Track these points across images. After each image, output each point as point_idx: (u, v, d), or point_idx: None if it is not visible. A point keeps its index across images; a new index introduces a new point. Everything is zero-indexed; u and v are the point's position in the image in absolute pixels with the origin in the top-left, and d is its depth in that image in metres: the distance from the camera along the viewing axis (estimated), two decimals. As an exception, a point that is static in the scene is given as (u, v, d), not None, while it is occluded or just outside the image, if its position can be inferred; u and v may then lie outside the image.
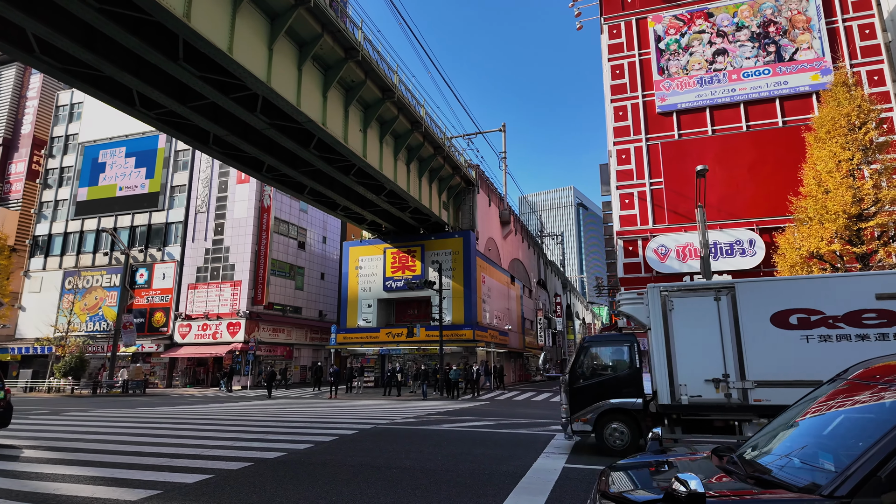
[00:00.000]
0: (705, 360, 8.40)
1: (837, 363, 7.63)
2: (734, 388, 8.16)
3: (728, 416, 8.27)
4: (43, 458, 8.62)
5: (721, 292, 8.60)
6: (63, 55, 15.73)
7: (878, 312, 7.67)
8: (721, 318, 8.44)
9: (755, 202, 27.69)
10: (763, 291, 8.53)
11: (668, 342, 8.63)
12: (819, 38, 28.31)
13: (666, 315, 8.73)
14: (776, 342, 8.11)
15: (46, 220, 42.92)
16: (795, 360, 7.97)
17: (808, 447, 2.75)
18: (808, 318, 8.04)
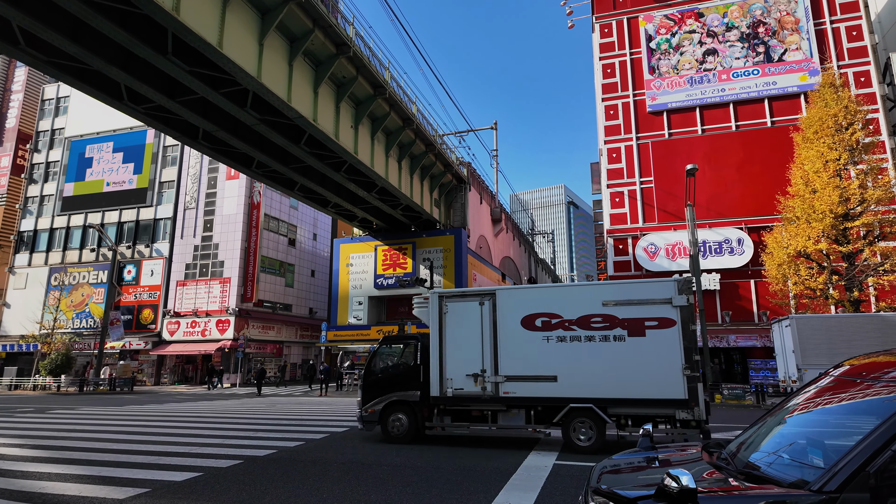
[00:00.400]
0: (468, 357, 9.49)
1: (570, 360, 8.80)
2: (489, 382, 9.29)
3: (483, 407, 9.44)
4: (28, 457, 8.51)
5: (485, 298, 9.70)
6: (49, 48, 15.49)
7: (604, 317, 8.91)
8: (483, 320, 9.55)
9: (744, 201, 27.96)
10: (517, 298, 9.64)
11: (440, 341, 9.76)
12: (807, 40, 28.60)
13: (441, 317, 9.86)
14: (524, 342, 9.24)
15: (32, 215, 42.31)
16: (537, 358, 9.13)
17: (796, 444, 2.78)
18: (550, 321, 9.15)
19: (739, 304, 26.98)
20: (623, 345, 8.74)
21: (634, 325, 8.74)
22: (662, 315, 8.65)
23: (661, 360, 8.54)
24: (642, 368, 8.61)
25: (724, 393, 19.80)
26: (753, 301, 26.78)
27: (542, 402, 9.11)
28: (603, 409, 8.72)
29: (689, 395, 8.35)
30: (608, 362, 8.78)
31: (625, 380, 8.67)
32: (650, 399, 8.60)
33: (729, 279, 27.16)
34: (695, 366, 8.44)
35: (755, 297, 26.77)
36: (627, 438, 9.54)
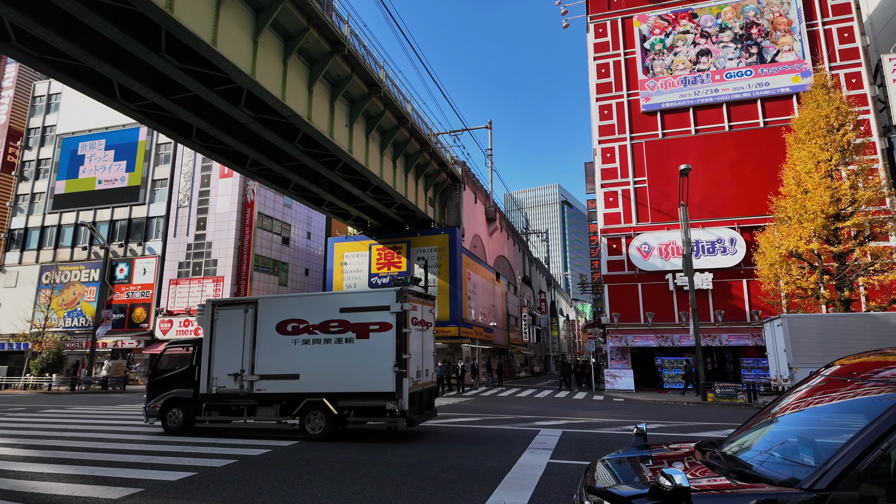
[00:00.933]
0: (232, 358, 10.68)
1: (311, 360, 10.46)
2: (246, 380, 10.52)
3: (241, 402, 10.61)
4: (21, 457, 8.45)
5: (249, 306, 10.92)
6: (41, 44, 15.35)
7: (340, 322, 10.19)
8: (246, 326, 10.74)
9: (736, 201, 28.14)
10: (273, 305, 10.88)
11: (211, 344, 10.94)
12: (800, 41, 28.80)
13: (213, 323, 11.04)
14: (277, 345, 10.48)
15: (22, 213, 41.94)
16: (286, 359, 10.38)
17: (788, 442, 2.81)
18: (298, 326, 10.41)
19: (732, 304, 27.17)
20: (352, 346, 10.05)
21: (362, 328, 10.06)
22: (383, 320, 9.95)
23: (378, 359, 9.82)
24: (365, 366, 9.91)
25: (716, 392, 19.93)
26: (746, 300, 26.97)
27: (287, 398, 10.33)
28: (333, 402, 10.02)
29: (395, 389, 9.61)
30: (340, 361, 10.09)
31: (351, 376, 9.98)
32: (369, 392, 9.87)
33: (721, 278, 27.34)
34: (402, 363, 9.68)
35: (747, 297, 26.96)
36: (350, 427, 11.18)
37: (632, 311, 28.48)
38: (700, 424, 12.89)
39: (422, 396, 10.55)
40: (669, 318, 27.73)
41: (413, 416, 9.83)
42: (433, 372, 11.49)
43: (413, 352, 10.05)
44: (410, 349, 9.87)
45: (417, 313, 10.49)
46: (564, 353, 67.42)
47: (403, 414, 9.59)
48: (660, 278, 28.36)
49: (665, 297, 28.13)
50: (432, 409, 11.24)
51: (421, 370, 10.62)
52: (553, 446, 9.24)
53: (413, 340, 10.12)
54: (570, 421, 13.34)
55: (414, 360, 10.14)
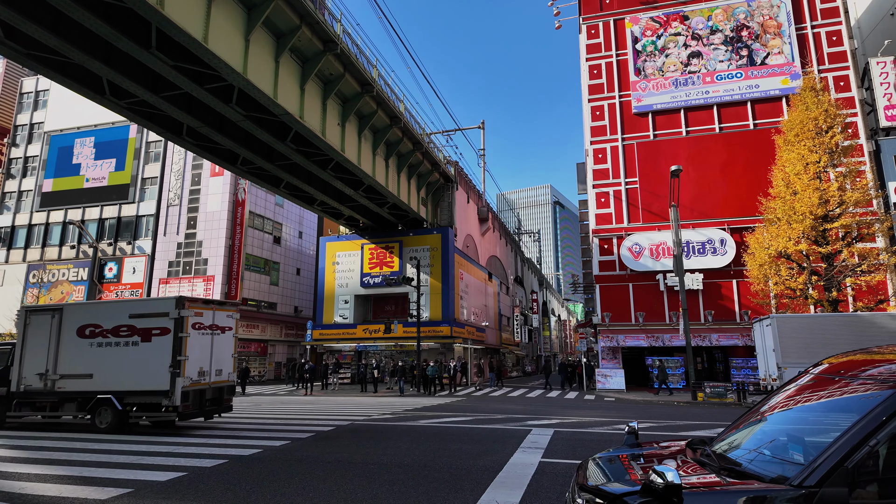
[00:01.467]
0: (39, 359, 11.75)
1: (103, 361, 11.47)
2: (50, 379, 11.61)
3: (45, 399, 11.69)
4: (7, 457, 8.34)
5: (56, 311, 12.02)
6: (29, 40, 15.16)
7: (128, 326, 11.30)
8: (52, 330, 11.81)
9: (726, 202, 28.38)
10: (75, 311, 12.02)
11: (23, 346, 12.00)
12: (789, 44, 29.10)
13: (25, 328, 12.07)
14: (76, 347, 11.57)
15: (9, 211, 41.41)
16: (83, 360, 11.49)
17: (777, 440, 2.84)
18: (95, 330, 11.50)
19: (722, 304, 27.40)
20: (137, 348, 11.15)
21: (146, 332, 11.15)
22: (163, 325, 11.05)
23: (158, 360, 10.91)
24: (147, 366, 11.00)
25: (706, 391, 20.09)
26: (735, 301, 27.21)
27: (83, 395, 11.41)
28: (120, 399, 11.13)
29: (170, 387, 10.72)
30: (126, 362, 11.18)
31: (135, 375, 11.09)
32: (149, 390, 10.97)
33: (712, 279, 27.56)
34: (177, 364, 10.79)
35: (737, 297, 27.20)
36: (140, 423, 11.91)
37: (623, 311, 28.64)
38: (690, 423, 12.98)
39: (203, 394, 11.56)
40: (660, 319, 27.91)
41: (188, 411, 11.01)
42: (231, 372, 12.67)
43: (195, 354, 11.25)
44: (189, 352, 11.02)
45: (205, 319, 11.71)
46: (546, 354, 67.64)
47: (176, 409, 10.77)
48: (651, 278, 28.54)
49: (656, 298, 28.31)
50: (222, 405, 12.30)
51: (208, 370, 11.72)
52: (545, 445, 9.27)
53: (196, 344, 11.33)
54: (562, 420, 13.39)
55: (196, 362, 11.32)
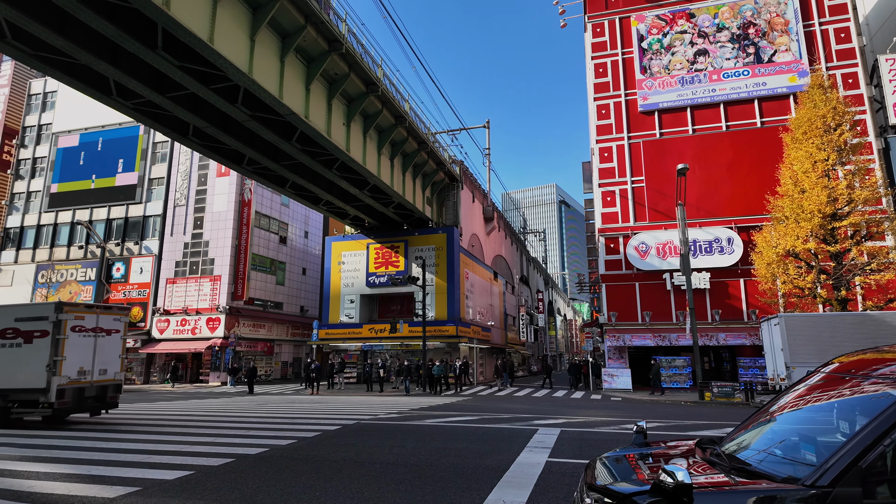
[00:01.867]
0: None
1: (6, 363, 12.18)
2: None
3: None
4: (17, 456, 8.41)
5: None
6: (36, 41, 15.27)
7: (14, 329, 12.15)
8: None
9: (733, 201, 28.20)
10: None
11: None
12: (797, 41, 28.88)
13: None
14: None
15: (18, 211, 41.74)
16: None
17: (788, 440, 2.81)
18: None
19: (729, 303, 27.23)
20: (21, 349, 12.02)
21: (28, 335, 12.00)
22: (43, 328, 11.93)
23: (37, 360, 11.79)
24: (28, 366, 11.86)
25: (713, 391, 19.97)
26: (743, 300, 27.04)
27: None
28: (5, 396, 11.96)
29: (46, 385, 11.62)
30: (11, 362, 12.01)
31: (18, 374, 11.92)
32: (29, 388, 11.79)
33: (719, 278, 27.40)
34: (54, 364, 11.71)
35: (744, 296, 27.03)
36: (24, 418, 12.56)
37: (629, 310, 28.53)
38: (698, 423, 12.91)
39: (83, 392, 12.42)
40: (667, 318, 27.78)
41: (64, 408, 11.89)
42: (118, 371, 13.60)
43: (75, 355, 12.19)
44: (68, 353, 11.99)
45: (87, 322, 12.64)
46: (552, 353, 67.52)
47: (51, 406, 11.64)
48: (657, 278, 28.41)
49: (663, 297, 28.18)
50: (106, 402, 13.15)
51: (90, 370, 12.63)
52: (551, 445, 9.24)
53: (77, 345, 12.28)
54: (569, 420, 13.34)
55: (77, 362, 12.26)
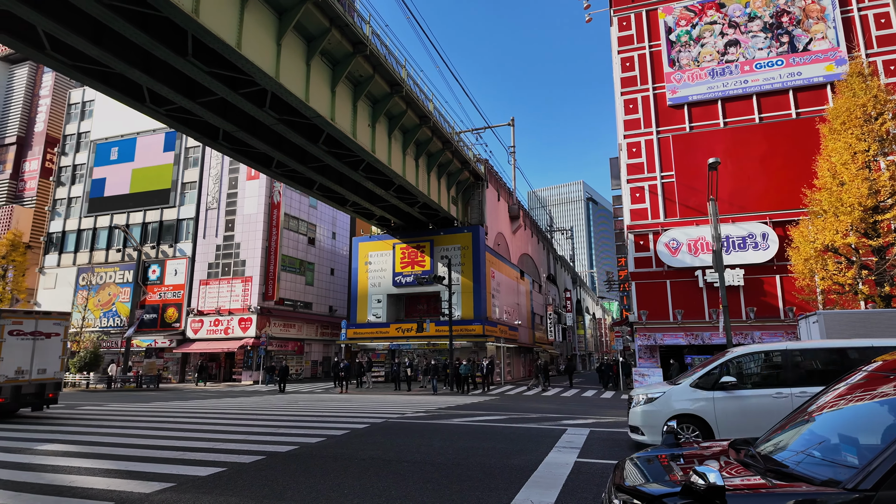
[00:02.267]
0: None
1: None
2: None
3: None
4: (59, 452, 8.73)
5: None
6: (73, 52, 15.84)
7: None
8: None
9: (768, 195, 27.36)
10: None
11: None
12: (833, 28, 27.82)
13: None
14: None
15: (60, 217, 43.43)
16: None
17: (827, 441, 2.70)
18: None
19: (764, 301, 26.43)
20: None
21: None
22: None
23: None
24: None
25: (748, 390, 19.39)
26: (779, 297, 26.21)
27: None
28: None
29: None
30: None
31: None
32: None
33: (753, 274, 26.62)
34: None
35: (781, 293, 26.19)
36: None
37: (660, 308, 27.96)
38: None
39: (20, 389, 13.74)
40: (699, 316, 27.13)
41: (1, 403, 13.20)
42: (58, 371, 14.93)
43: (13, 356, 13.56)
44: (5, 354, 13.35)
45: (25, 327, 14.02)
46: (581, 352, 66.65)
47: None
48: (689, 275, 27.77)
49: (695, 294, 27.53)
50: (43, 399, 14.41)
51: (28, 369, 13.99)
52: (580, 445, 9.12)
53: (15, 347, 13.68)
54: (598, 420, 13.16)
55: (15, 362, 13.60)
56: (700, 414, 8.21)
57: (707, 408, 8.16)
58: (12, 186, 46.19)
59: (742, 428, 7.58)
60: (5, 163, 46.86)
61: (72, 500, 5.72)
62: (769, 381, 8.23)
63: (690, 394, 8.41)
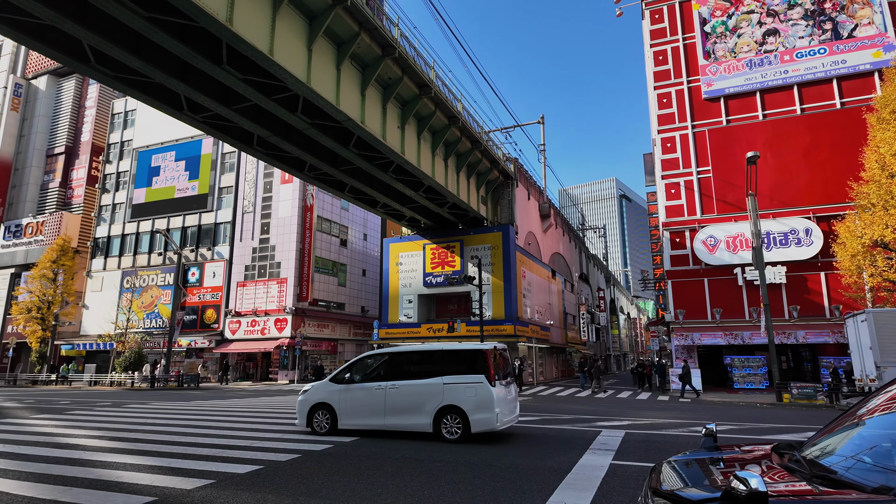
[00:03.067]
0: None
1: None
2: None
3: None
4: (106, 448, 9.10)
5: None
6: (116, 64, 16.49)
7: None
8: None
9: (811, 189, 26.33)
10: None
11: None
12: (880, 13, 26.57)
13: None
14: None
15: (105, 222, 45.28)
16: None
17: (879, 447, 2.56)
18: None
19: (808, 298, 25.44)
20: None
21: None
22: None
23: None
24: None
25: (793, 392, 18.71)
26: (824, 294, 25.18)
27: None
28: None
29: None
30: None
31: None
32: None
33: (796, 272, 25.66)
34: None
35: (826, 291, 25.16)
36: None
37: (698, 307, 27.24)
38: (775, 426, 12.13)
39: None
40: (739, 315, 26.31)
41: None
42: None
43: None
44: None
45: None
46: (616, 353, 65.44)
47: None
48: (727, 273, 26.97)
49: (734, 293, 26.71)
50: None
51: None
52: (615, 447, 8.96)
53: None
54: (634, 422, 12.90)
55: None
56: (330, 402, 10.49)
57: (334, 398, 10.50)
58: (61, 194, 48.39)
59: (354, 412, 10.25)
60: (55, 171, 49.15)
61: (118, 495, 5.95)
62: (375, 377, 10.43)
63: (327, 387, 10.67)
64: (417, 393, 9.80)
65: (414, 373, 10.18)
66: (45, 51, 15.27)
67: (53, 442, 9.79)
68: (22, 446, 9.25)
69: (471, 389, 9.45)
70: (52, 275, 39.92)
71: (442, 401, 9.55)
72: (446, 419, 9.52)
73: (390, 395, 9.95)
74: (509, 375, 10.62)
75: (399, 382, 10.03)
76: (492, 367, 9.56)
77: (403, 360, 10.56)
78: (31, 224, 45.71)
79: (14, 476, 6.87)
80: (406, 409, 9.80)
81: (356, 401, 10.25)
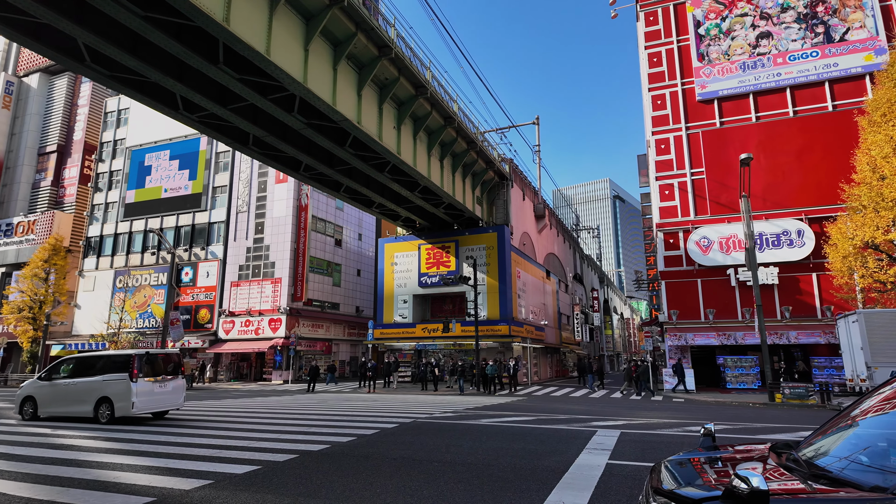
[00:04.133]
0: None
1: None
2: None
3: None
4: (102, 449, 9.07)
5: None
6: (111, 63, 16.41)
7: None
8: None
9: (803, 191, 26.59)
10: None
11: None
12: (872, 17, 26.86)
13: None
14: None
15: (98, 221, 44.96)
16: None
17: (874, 447, 2.63)
18: None
19: (800, 299, 25.68)
20: None
21: None
22: None
23: None
24: None
25: (785, 392, 18.90)
26: (816, 295, 25.43)
27: None
28: None
29: None
30: None
31: None
32: None
33: (788, 272, 25.89)
34: None
35: (817, 292, 25.41)
36: None
37: (691, 308, 27.43)
38: (769, 426, 12.26)
39: None
40: (732, 315, 26.52)
41: None
42: None
43: None
44: None
45: None
46: (609, 353, 65.73)
47: None
48: (721, 273, 27.17)
49: (727, 293, 26.92)
50: None
51: None
52: (611, 447, 9.03)
53: None
54: (629, 421, 13.00)
55: None
56: (34, 395, 13.35)
57: (37, 392, 13.34)
58: (53, 193, 48.00)
59: (48, 403, 13.17)
60: (47, 170, 48.73)
61: (117, 496, 5.94)
62: (64, 376, 13.31)
63: (36, 383, 13.57)
64: (87, 388, 12.79)
65: (88, 373, 13.08)
66: (39, 49, 15.19)
67: (48, 443, 9.75)
68: (16, 447, 9.20)
69: (117, 384, 12.42)
70: (43, 274, 39.56)
71: (101, 393, 12.58)
72: (101, 407, 12.54)
73: (70, 390, 13.03)
74: (172, 374, 13.64)
75: (77, 380, 13.04)
76: (136, 368, 12.46)
77: (83, 363, 13.38)
78: (22, 223, 45.30)
79: (10, 477, 6.85)
80: (78, 399, 12.82)
81: (50, 395, 13.26)
